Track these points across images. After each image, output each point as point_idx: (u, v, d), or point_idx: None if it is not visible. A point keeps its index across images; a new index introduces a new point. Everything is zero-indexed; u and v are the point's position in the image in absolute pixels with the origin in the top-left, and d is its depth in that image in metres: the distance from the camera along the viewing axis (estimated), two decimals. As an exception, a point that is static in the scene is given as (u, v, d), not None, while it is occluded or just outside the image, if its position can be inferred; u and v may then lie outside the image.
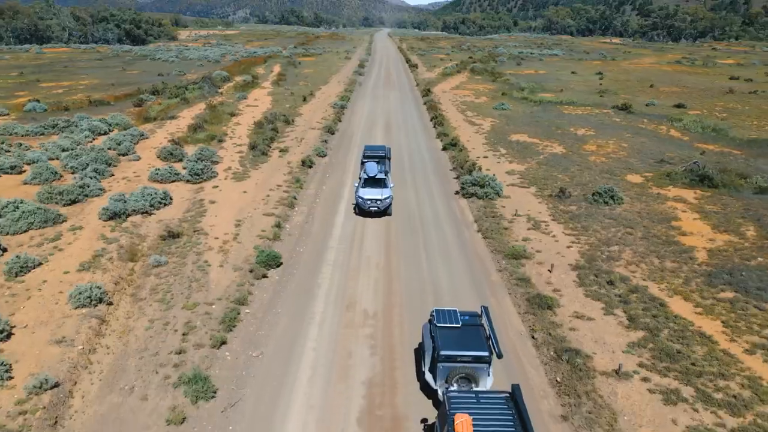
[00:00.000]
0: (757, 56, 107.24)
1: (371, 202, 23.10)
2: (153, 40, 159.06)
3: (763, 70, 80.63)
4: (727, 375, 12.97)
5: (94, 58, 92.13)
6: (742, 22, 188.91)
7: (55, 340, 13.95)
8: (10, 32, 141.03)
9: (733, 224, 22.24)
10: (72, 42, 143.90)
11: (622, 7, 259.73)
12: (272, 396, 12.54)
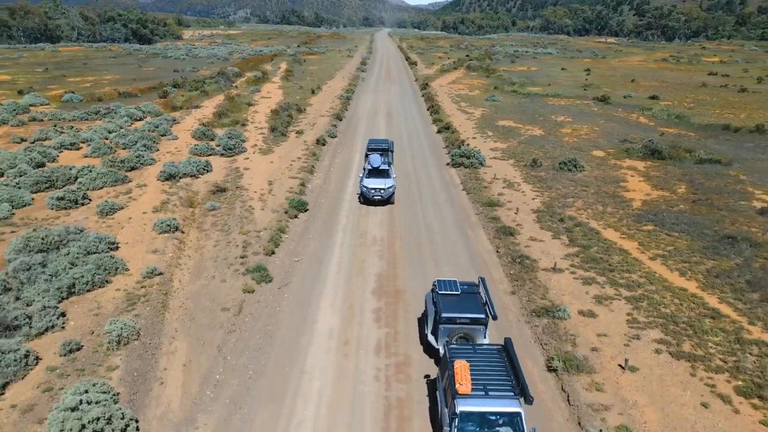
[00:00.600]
0: (743, 54, 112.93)
1: (375, 191, 25.03)
2: (159, 39, 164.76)
3: (743, 66, 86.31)
4: (631, 271, 18.54)
5: (109, 56, 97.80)
6: (736, 22, 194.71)
7: (151, 251, 19.51)
8: (21, 31, 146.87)
9: (669, 184, 27.86)
10: (81, 41, 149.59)
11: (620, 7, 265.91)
12: (310, 282, 18.12)
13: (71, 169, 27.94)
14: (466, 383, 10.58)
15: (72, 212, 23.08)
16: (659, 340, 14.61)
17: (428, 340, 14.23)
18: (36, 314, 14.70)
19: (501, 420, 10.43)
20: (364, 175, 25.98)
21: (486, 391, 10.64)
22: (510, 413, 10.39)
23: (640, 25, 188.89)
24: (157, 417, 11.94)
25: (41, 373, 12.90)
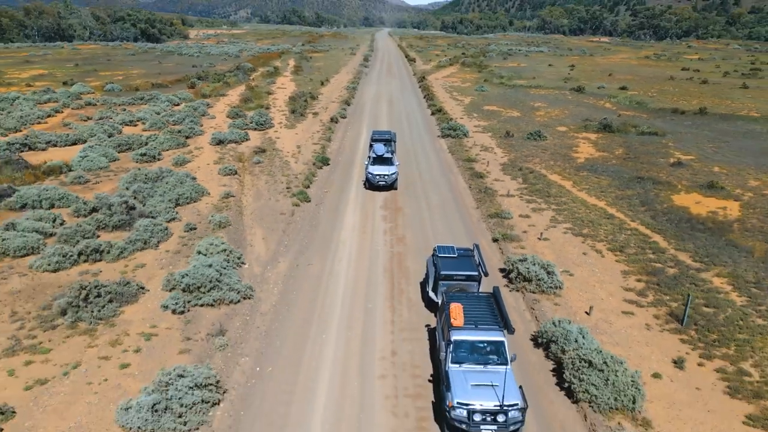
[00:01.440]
0: (725, 53, 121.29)
1: (380, 177, 27.52)
2: (166, 38, 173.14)
3: (717, 63, 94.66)
4: (562, 196, 26.69)
5: (127, 54, 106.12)
6: (726, 22, 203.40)
7: (221, 185, 27.66)
8: (36, 31, 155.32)
9: (610, 148, 36.06)
10: (93, 40, 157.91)
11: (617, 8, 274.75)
12: (337, 202, 26.28)
13: (141, 137, 36.17)
14: (460, 318, 12.63)
15: (153, 164, 31.24)
16: (568, 228, 22.77)
17: (429, 296, 16.61)
18: (162, 211, 22.86)
19: (488, 348, 12.64)
20: (369, 162, 28.55)
21: (476, 325, 12.84)
22: (495, 341, 12.62)
23: (633, 25, 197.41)
24: (253, 258, 20.10)
25: (177, 238, 21.06)
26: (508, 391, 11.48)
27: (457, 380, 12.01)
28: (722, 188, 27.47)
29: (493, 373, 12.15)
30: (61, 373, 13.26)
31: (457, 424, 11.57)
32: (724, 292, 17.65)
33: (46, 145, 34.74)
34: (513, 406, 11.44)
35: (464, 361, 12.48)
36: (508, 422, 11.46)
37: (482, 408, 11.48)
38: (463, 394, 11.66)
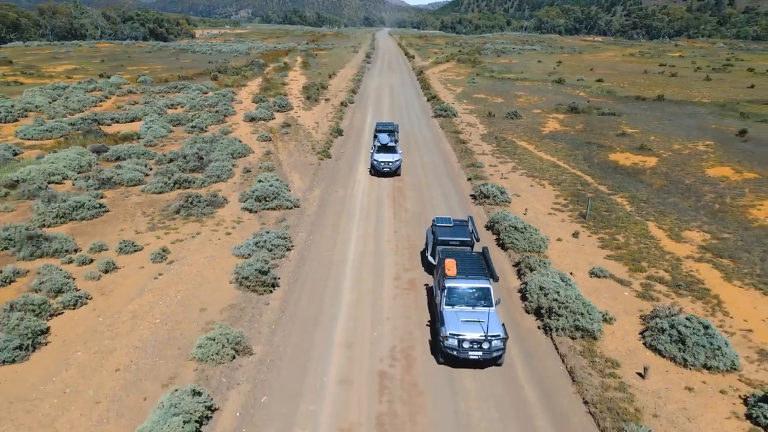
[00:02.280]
0: (707, 51, 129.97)
1: (384, 164, 30.31)
2: (173, 37, 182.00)
3: (695, 60, 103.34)
4: (525, 155, 35.21)
5: (144, 51, 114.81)
6: (717, 22, 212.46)
7: (261, 147, 36.20)
8: (49, 30, 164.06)
9: (572, 124, 44.65)
10: (104, 39, 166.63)
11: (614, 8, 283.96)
12: (352, 158, 34.85)
13: (186, 115, 44.73)
14: (453, 270, 14.99)
15: (202, 134, 39.75)
16: (523, 173, 31.33)
17: (428, 260, 19.31)
18: (223, 160, 31.42)
19: (477, 293, 15.10)
20: (374, 150, 31.38)
21: (466, 275, 15.37)
22: (482, 288, 15.15)
23: (626, 25, 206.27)
24: (295, 188, 28.63)
25: (238, 176, 29.60)
26: (491, 325, 13.96)
27: (449, 318, 14.55)
28: (649, 149, 36.05)
29: (480, 313, 14.57)
30: (190, 236, 21.80)
31: (449, 351, 14.11)
32: (622, 205, 26.21)
33: (110, 122, 43.27)
34: (495, 337, 13.91)
35: (456, 303, 15.00)
36: (491, 349, 13.91)
37: (470, 338, 13.88)
38: (454, 327, 14.18)
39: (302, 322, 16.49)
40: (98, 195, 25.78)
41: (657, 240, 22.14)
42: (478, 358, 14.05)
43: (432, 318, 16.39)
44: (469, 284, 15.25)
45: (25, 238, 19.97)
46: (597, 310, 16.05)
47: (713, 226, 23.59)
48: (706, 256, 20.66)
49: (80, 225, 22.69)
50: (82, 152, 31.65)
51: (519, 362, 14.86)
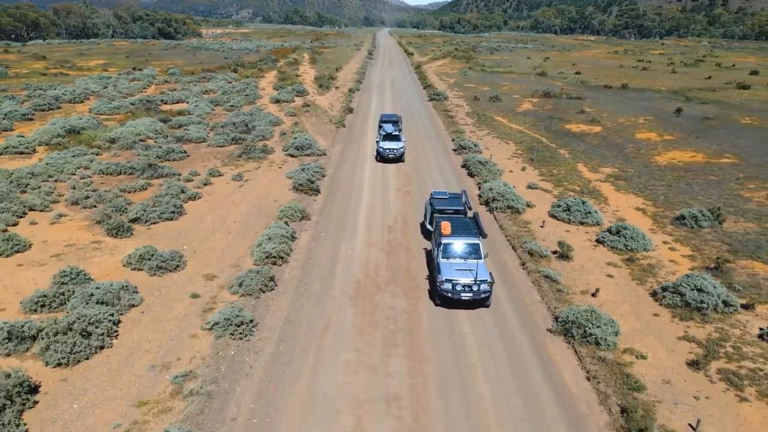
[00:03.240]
0: (690, 49, 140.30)
1: (389, 150, 33.91)
2: (181, 36, 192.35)
3: (672, 57, 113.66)
4: (499, 126, 45.36)
5: (161, 49, 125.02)
6: (707, 22, 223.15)
7: (289, 120, 46.32)
8: (63, 29, 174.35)
9: (543, 105, 54.80)
10: (115, 37, 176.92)
11: (610, 8, 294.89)
12: (361, 128, 44.98)
13: (221, 97, 54.80)
14: (448, 229, 18.23)
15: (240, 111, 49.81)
16: (495, 136, 41.44)
17: (426, 227, 22.46)
18: (263, 125, 41.49)
19: (468, 248, 18.07)
20: (380, 139, 34.95)
21: (458, 233, 18.52)
22: (472, 243, 18.21)
23: (619, 25, 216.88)
24: (320, 144, 38.72)
25: (277, 137, 39.68)
26: (480, 272, 16.80)
27: (445, 267, 17.41)
28: (598, 122, 46.17)
29: (471, 264, 17.43)
30: (254, 169, 31.86)
31: (445, 293, 16.97)
32: (563, 154, 36.29)
33: (160, 102, 53.33)
34: (483, 281, 16.71)
35: (450, 257, 17.90)
36: (479, 291, 16.82)
37: (462, 282, 16.70)
38: (449, 274, 17.04)
39: (339, 208, 26.59)
40: (179, 146, 35.87)
41: (579, 172, 32.23)
42: (468, 299, 16.97)
43: (430, 273, 19.47)
44: (462, 240, 18.23)
45: (146, 165, 30.03)
46: (524, 200, 26.13)
47: (623, 165, 33.71)
48: (609, 179, 30.77)
49: (174, 163, 32.76)
50: (152, 121, 41.69)
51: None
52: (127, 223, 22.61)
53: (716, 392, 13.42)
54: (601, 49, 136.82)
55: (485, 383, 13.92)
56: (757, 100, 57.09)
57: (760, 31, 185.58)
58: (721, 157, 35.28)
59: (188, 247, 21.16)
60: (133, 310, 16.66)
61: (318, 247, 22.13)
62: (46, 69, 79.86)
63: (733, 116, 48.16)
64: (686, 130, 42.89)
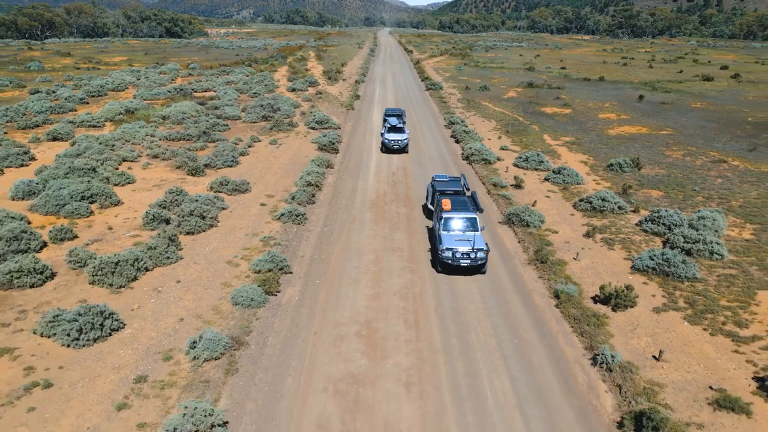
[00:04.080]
0: (676, 47, 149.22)
1: (394, 142, 36.58)
2: (188, 36, 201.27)
3: (656, 55, 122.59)
4: (485, 109, 54.15)
5: (174, 47, 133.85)
6: (699, 22, 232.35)
7: (305, 103, 55.13)
8: (74, 28, 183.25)
9: (526, 94, 63.60)
10: (125, 36, 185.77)
11: (607, 8, 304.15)
12: (368, 109, 53.82)
13: (244, 86, 63.58)
14: (448, 205, 21.07)
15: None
16: (480, 116, 50.22)
17: (428, 207, 25.61)
18: (286, 107, 50.28)
19: (466, 222, 20.61)
20: (385, 131, 37.81)
21: (457, 209, 21.14)
22: (470, 217, 20.74)
23: (613, 25, 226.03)
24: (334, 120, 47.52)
25: (298, 116, 48.49)
26: (477, 242, 19.50)
27: (446, 238, 20.05)
28: (570, 106, 54.95)
29: (469, 235, 19.98)
30: (284, 137, 40.62)
31: (445, 260, 19.57)
32: (534, 128, 45.04)
33: (191, 91, 62.06)
34: (480, 250, 19.37)
35: (450, 229, 20.44)
36: (476, 259, 19.40)
37: (461, 250, 19.33)
38: (449, 244, 19.68)
39: (354, 161, 35.33)
40: (221, 121, 44.58)
41: (544, 140, 40.98)
42: (467, 265, 19.39)
43: (432, 246, 21.97)
44: (460, 215, 20.75)
45: (201, 132, 38.77)
46: (495, 154, 34.90)
47: (580, 135, 42.48)
48: (566, 144, 39.53)
49: (219, 133, 41.49)
50: (192, 103, 50.43)
51: (450, 156, 33.61)
52: (201, 166, 31.34)
53: (596, 247, 22.12)
54: (591, 48, 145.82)
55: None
56: (714, 90, 65.97)
57: (747, 31, 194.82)
58: (661, 130, 44.07)
59: (249, 181, 29.88)
60: (223, 212, 25.35)
61: (341, 182, 30.89)
62: (76, 64, 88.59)
63: (687, 102, 57.00)
64: (642, 112, 51.68)
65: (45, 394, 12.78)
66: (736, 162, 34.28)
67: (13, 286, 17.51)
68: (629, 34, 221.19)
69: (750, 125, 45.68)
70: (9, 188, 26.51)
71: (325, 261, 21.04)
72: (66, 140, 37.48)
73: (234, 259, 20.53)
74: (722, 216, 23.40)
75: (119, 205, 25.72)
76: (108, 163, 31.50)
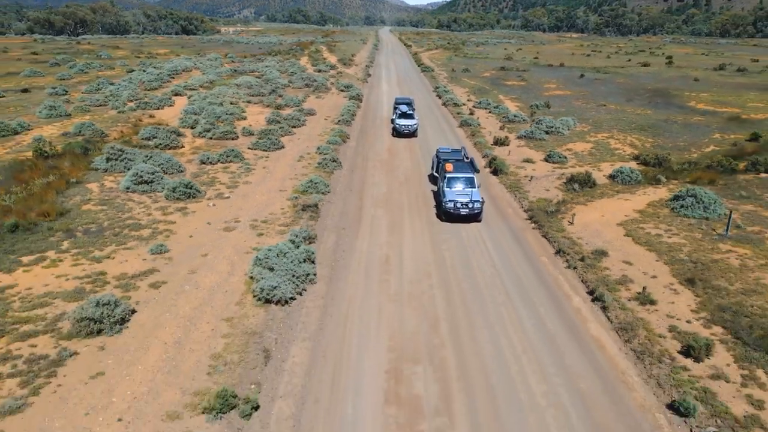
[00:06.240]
0: (649, 44, 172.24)
1: (405, 127, 43.32)
2: (201, 33, 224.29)
3: (625, 49, 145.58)
4: (465, 84, 76.78)
5: (201, 42, 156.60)
6: (683, 21, 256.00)
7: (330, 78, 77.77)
8: (99, 26, 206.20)
9: (499, 74, 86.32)
10: (145, 34, 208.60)
11: (600, 8, 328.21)
12: (378, 84, 76.47)
13: (282, 67, 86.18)
14: (451, 167, 27.31)
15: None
16: (459, 87, 72.82)
17: (434, 175, 32.00)
18: (321, 79, 72.91)
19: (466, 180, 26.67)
20: (396, 117, 44.44)
21: (458, 171, 27.27)
22: (468, 177, 26.86)
23: (600, 23, 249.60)
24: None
25: (328, 84, 71.12)
26: (474, 196, 25.71)
27: (448, 193, 26.09)
28: (526, 80, 77.50)
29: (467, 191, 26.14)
30: (323, 96, 63.13)
31: (448, 210, 25.66)
32: (494, 92, 67.59)
33: (244, 71, 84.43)
34: (476, 201, 25.56)
35: (452, 186, 26.50)
36: (474, 208, 25.47)
37: (461, 201, 25.49)
38: (451, 197, 25.84)
39: (372, 105, 57.82)
40: (279, 85, 66.83)
41: (499, 99, 63.38)
42: (466, 214, 25.47)
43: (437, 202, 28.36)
44: (461, 175, 27.02)
45: (271, 90, 61.20)
46: (462, 101, 57.53)
47: (524, 96, 64.94)
48: (510, 99, 61.98)
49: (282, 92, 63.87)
50: (251, 78, 72.77)
51: (438, 112, 56.12)
52: (282, 104, 53.70)
53: (503, 133, 44.49)
54: (572, 44, 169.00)
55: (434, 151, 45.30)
56: (643, 72, 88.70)
57: (722, 29, 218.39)
58: (580, 92, 66.63)
59: (314, 110, 52.20)
60: (305, 122, 47.68)
61: (366, 112, 53.41)
62: (133, 54, 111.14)
63: (614, 79, 79.69)
64: (575, 84, 74.31)
65: (263, 162, 35.28)
66: (612, 106, 56.78)
67: (229, 137, 39.86)
68: (615, 32, 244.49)
69: (646, 91, 68.15)
70: (179, 111, 48.91)
71: (364, 133, 43.58)
72: (183, 96, 59.85)
73: (321, 134, 43.01)
74: (573, 120, 45.92)
75: (245, 119, 48.10)
76: (225, 102, 53.90)
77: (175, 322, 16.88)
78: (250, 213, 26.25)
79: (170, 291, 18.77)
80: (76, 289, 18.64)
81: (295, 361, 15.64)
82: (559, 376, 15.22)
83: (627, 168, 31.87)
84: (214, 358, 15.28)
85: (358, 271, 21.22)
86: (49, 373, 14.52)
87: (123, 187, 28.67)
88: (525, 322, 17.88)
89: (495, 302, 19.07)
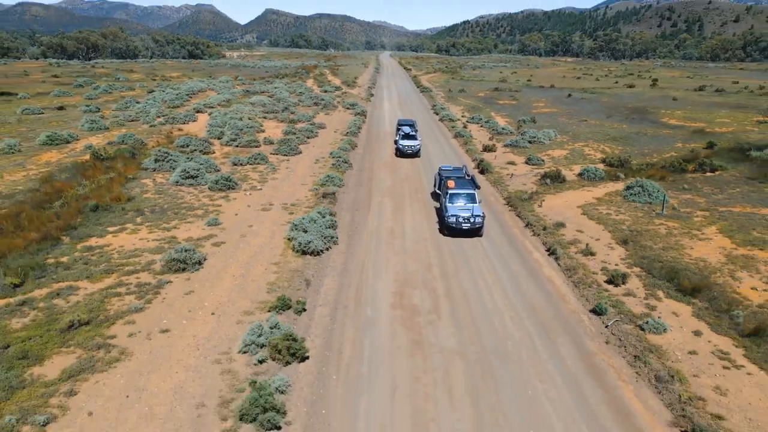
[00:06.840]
0: (639, 67, 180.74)
1: (408, 147, 45.38)
2: (207, 58, 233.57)
3: (615, 72, 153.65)
4: (460, 102, 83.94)
5: (209, 65, 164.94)
6: (675, 46, 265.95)
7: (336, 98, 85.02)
8: (110, 51, 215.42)
9: (492, 95, 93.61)
10: (154, 58, 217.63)
11: (596, 33, 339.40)
12: (380, 104, 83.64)
13: (290, 88, 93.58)
14: (453, 184, 28.74)
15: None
16: (454, 105, 79.95)
17: (436, 193, 32.57)
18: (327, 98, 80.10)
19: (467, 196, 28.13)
20: (400, 138, 46.35)
21: (460, 187, 28.67)
22: (470, 193, 28.30)
23: (594, 48, 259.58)
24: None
25: (335, 103, 78.30)
26: (475, 211, 27.03)
27: (450, 208, 27.46)
28: (517, 100, 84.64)
29: (469, 206, 27.60)
30: (331, 113, 70.14)
31: (450, 225, 26.84)
32: (487, 110, 74.62)
33: (256, 91, 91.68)
34: (478, 216, 26.80)
35: (454, 202, 28.03)
36: (475, 223, 26.75)
37: (463, 216, 26.75)
38: (453, 211, 27.15)
39: (375, 121, 64.71)
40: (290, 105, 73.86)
41: (491, 115, 70.28)
42: (467, 228, 26.80)
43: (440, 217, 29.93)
44: (462, 191, 28.52)
45: (284, 108, 68.19)
46: (457, 117, 64.35)
47: (514, 113, 71.90)
48: (501, 116, 68.89)
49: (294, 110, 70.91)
50: (263, 97, 79.88)
51: (435, 126, 62.95)
52: (294, 119, 60.52)
53: (492, 143, 51.11)
54: (564, 67, 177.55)
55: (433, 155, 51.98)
56: (627, 92, 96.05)
57: (712, 53, 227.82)
58: (565, 110, 73.63)
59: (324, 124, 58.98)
60: (315, 135, 54.41)
61: (370, 127, 60.17)
62: (148, 77, 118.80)
63: (599, 98, 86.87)
64: (562, 103, 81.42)
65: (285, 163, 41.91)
66: (593, 122, 63.62)
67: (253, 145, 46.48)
68: (609, 56, 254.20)
69: (626, 109, 75.13)
70: (204, 124, 55.62)
71: (369, 143, 50.20)
72: (203, 113, 66.74)
73: (332, 143, 49.68)
74: (554, 132, 52.65)
75: (264, 131, 54.83)
76: (243, 117, 60.73)
77: (237, 265, 23.15)
78: (281, 199, 32.65)
79: (229, 247, 25.05)
80: (157, 247, 24.91)
81: (328, 288, 21.90)
82: (517, 297, 21.46)
83: (593, 167, 38.37)
84: (269, 284, 21.52)
85: (370, 236, 27.56)
86: (155, 292, 20.77)
87: (173, 181, 35.10)
88: (497, 268, 24.13)
89: (476, 257, 25.31)
